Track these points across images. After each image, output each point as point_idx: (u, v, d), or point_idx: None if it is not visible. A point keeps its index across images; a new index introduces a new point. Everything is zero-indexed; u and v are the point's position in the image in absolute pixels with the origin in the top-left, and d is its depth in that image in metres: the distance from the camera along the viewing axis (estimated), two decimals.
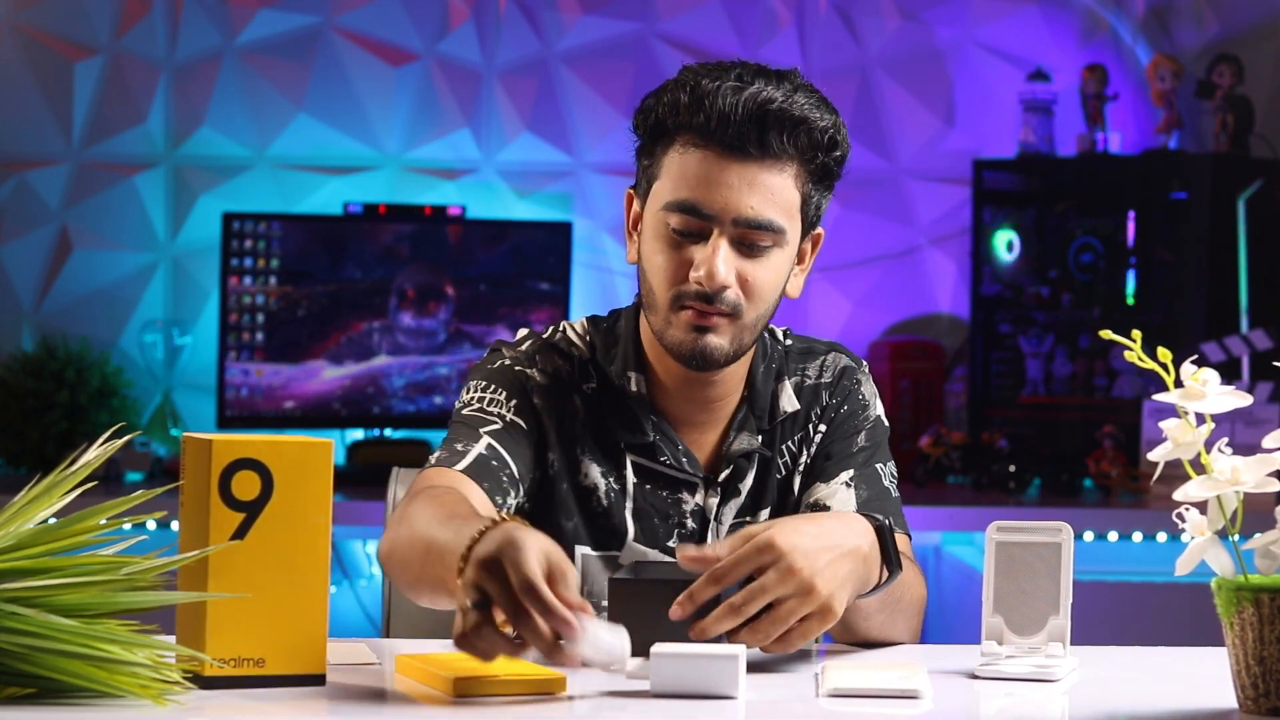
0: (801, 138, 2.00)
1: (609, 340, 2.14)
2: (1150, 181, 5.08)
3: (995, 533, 1.82)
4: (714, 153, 1.99)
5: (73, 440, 4.72)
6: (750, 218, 1.99)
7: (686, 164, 2.00)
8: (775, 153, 1.99)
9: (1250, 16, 5.27)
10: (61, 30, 5.04)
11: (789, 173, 2.01)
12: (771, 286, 2.04)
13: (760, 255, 2.01)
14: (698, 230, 2.00)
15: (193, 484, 1.64)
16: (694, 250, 2.01)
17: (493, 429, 2.05)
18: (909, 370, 5.14)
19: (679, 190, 2.00)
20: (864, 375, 2.20)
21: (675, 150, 2.01)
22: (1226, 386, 1.60)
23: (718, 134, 1.98)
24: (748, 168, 1.99)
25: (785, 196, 2.01)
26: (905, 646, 2.02)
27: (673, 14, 5.19)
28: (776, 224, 2.01)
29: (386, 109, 5.12)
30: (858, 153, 5.27)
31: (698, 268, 1.99)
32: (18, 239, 5.04)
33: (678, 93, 2.01)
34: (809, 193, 2.04)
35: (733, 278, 2.00)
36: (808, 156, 2.02)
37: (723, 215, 1.99)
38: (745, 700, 1.66)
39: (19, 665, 1.52)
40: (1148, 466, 4.66)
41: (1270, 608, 1.56)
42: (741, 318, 2.02)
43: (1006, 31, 5.29)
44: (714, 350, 2.02)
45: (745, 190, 1.99)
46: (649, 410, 2.10)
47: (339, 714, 1.61)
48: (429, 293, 4.94)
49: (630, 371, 2.11)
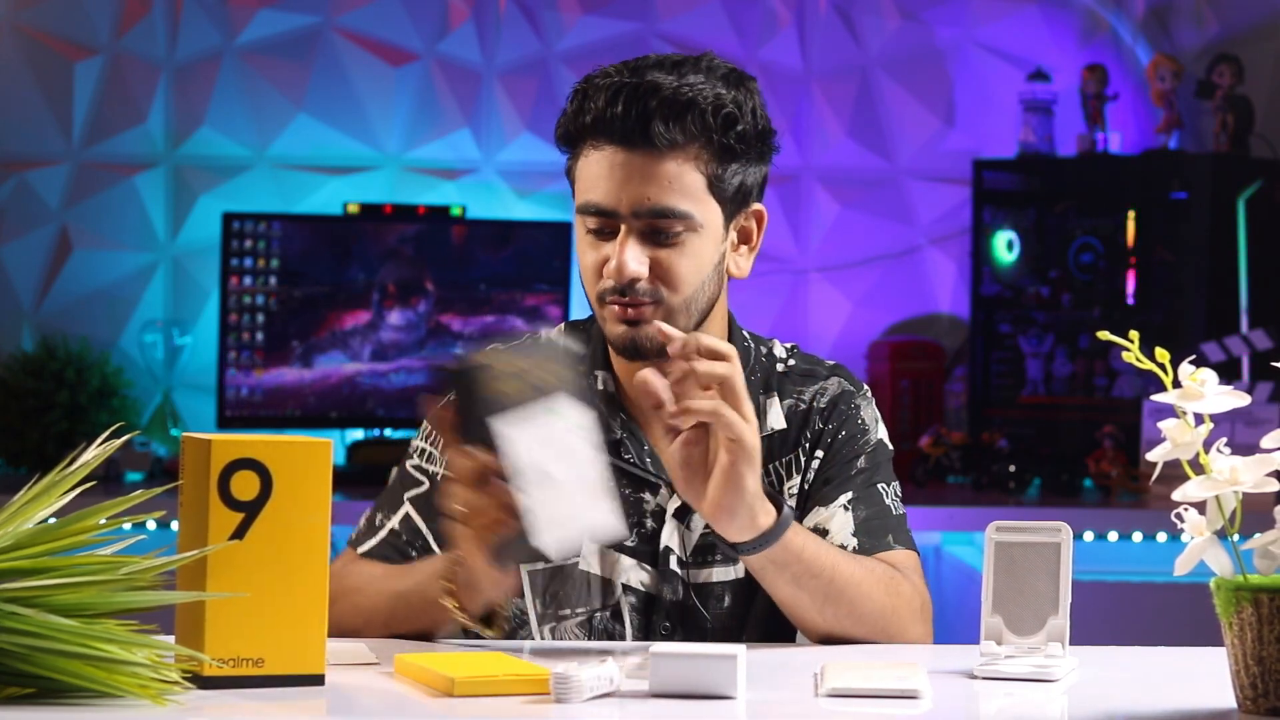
0: (690, 121, 2.01)
1: (583, 342, 2.16)
2: (1150, 181, 5.08)
3: (995, 533, 1.82)
4: (608, 150, 2.02)
5: (73, 440, 4.71)
6: (650, 207, 2.01)
7: (588, 166, 2.04)
8: (664, 141, 2.01)
9: (1250, 16, 5.27)
10: (61, 30, 5.04)
11: (685, 157, 2.02)
12: (691, 270, 2.04)
13: (672, 242, 2.03)
14: (609, 228, 2.04)
15: (192, 484, 1.64)
16: (608, 247, 2.04)
17: (417, 493, 2.13)
18: (909, 370, 5.14)
19: (585, 192, 2.04)
20: (864, 399, 2.19)
21: (582, 156, 2.05)
22: (1225, 386, 1.60)
23: (605, 131, 2.01)
24: (642, 157, 2.01)
25: (685, 181, 2.02)
26: (905, 646, 2.02)
27: (673, 14, 5.19)
28: (679, 210, 2.02)
29: (386, 109, 5.12)
30: (858, 153, 5.28)
31: (608, 264, 2.03)
32: (18, 239, 5.04)
33: (573, 99, 2.06)
34: (717, 173, 2.04)
35: (644, 269, 2.02)
36: (703, 139, 2.02)
37: (623, 209, 2.02)
38: (744, 700, 1.66)
39: (18, 665, 1.52)
40: (1147, 466, 4.66)
41: (1269, 608, 1.56)
42: (666, 304, 2.04)
43: (1006, 31, 5.29)
44: (646, 339, 2.04)
45: (639, 181, 2.01)
46: (617, 408, 2.12)
47: (338, 714, 1.61)
48: (430, 292, 4.94)
49: (598, 370, 2.13)
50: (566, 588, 2.09)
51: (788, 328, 5.18)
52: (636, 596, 2.09)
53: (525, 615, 2.11)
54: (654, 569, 2.09)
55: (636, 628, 2.09)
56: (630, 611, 2.09)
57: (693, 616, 2.09)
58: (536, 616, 2.10)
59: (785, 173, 5.21)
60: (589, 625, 2.09)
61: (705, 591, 2.10)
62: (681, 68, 2.03)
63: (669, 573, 2.09)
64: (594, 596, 2.09)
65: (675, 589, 2.09)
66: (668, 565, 2.09)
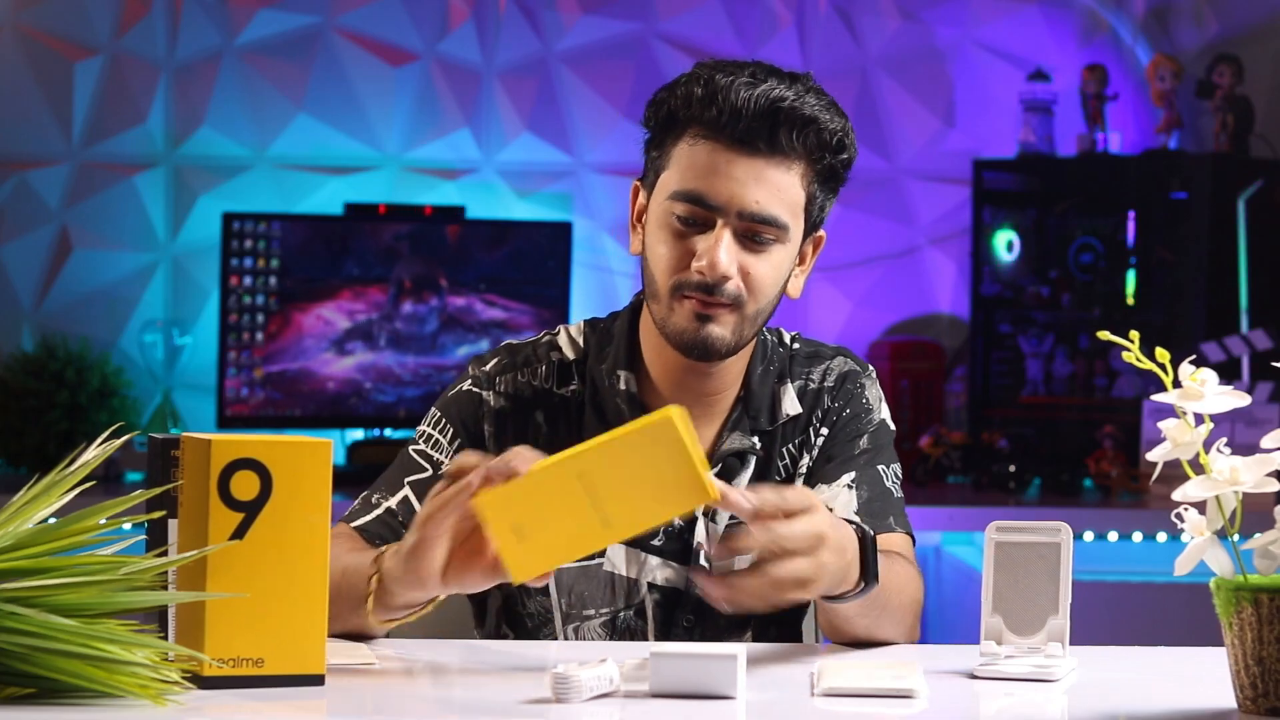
0: (810, 138, 2.03)
1: (604, 340, 2.15)
2: (1150, 181, 5.08)
3: (995, 533, 1.83)
4: (723, 145, 2.01)
5: (73, 440, 4.72)
6: (755, 211, 2.01)
7: (696, 155, 2.02)
8: (784, 150, 2.01)
9: (1250, 16, 5.27)
10: (61, 30, 5.04)
11: (796, 171, 2.03)
12: (772, 281, 2.05)
13: (762, 250, 2.03)
14: (703, 220, 2.02)
15: (192, 484, 1.64)
16: (697, 240, 2.03)
17: (419, 478, 2.10)
18: (909, 370, 5.14)
19: (686, 180, 2.02)
20: (869, 379, 2.22)
21: (685, 142, 2.04)
22: (1225, 386, 1.60)
23: (728, 127, 2.00)
24: (755, 163, 2.01)
25: (791, 194, 2.03)
26: (905, 646, 2.02)
27: (673, 14, 5.19)
28: (780, 220, 2.03)
29: (386, 109, 5.12)
30: (858, 152, 5.26)
31: (700, 257, 2.01)
32: (18, 239, 5.04)
33: (692, 86, 2.03)
34: (814, 193, 2.06)
35: (734, 269, 2.02)
36: (815, 157, 2.04)
37: (728, 207, 2.01)
38: (744, 700, 1.66)
39: (18, 665, 1.52)
40: (1147, 466, 4.66)
41: (1269, 608, 1.56)
42: (743, 309, 2.04)
43: (1006, 31, 5.29)
44: (716, 340, 2.04)
45: (752, 184, 2.01)
46: (640, 408, 2.10)
47: (338, 714, 1.61)
48: (429, 291, 4.94)
49: (620, 370, 2.12)
50: (591, 587, 2.10)
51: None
52: (661, 594, 2.11)
53: (550, 614, 2.11)
54: (682, 564, 2.10)
55: (659, 622, 2.10)
56: (654, 608, 2.10)
57: (713, 608, 2.09)
58: (561, 616, 2.11)
59: None
60: (612, 625, 2.10)
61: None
62: (795, 82, 2.04)
63: (698, 568, 2.10)
64: (618, 596, 2.10)
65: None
66: (697, 560, 2.10)
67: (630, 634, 2.10)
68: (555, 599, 2.10)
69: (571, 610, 2.10)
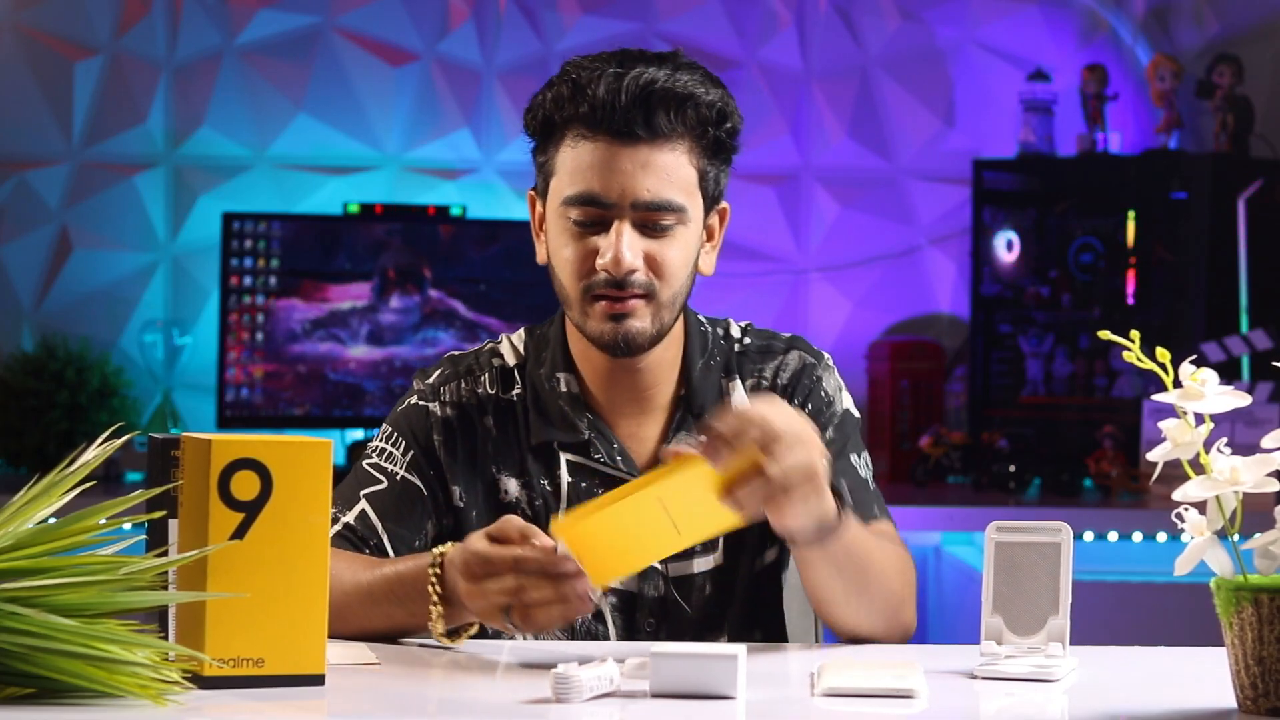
0: (689, 114, 2.02)
1: (541, 345, 2.16)
2: (1150, 181, 5.08)
3: (995, 533, 1.83)
4: (603, 140, 2.01)
5: (73, 440, 4.71)
6: (649, 200, 2.01)
7: (579, 156, 2.02)
8: (665, 132, 2.01)
9: (1250, 16, 5.27)
10: (61, 30, 5.04)
11: (681, 151, 2.03)
12: (680, 264, 2.05)
13: (665, 235, 2.03)
14: (599, 219, 2.02)
15: (192, 484, 1.64)
16: (598, 240, 2.03)
17: (375, 490, 2.10)
18: (909, 370, 5.14)
19: (575, 183, 2.03)
20: (825, 369, 2.18)
21: (566, 144, 2.04)
22: (1225, 386, 1.60)
23: (604, 121, 2.00)
24: (639, 150, 2.01)
25: (681, 175, 2.03)
26: (904, 646, 2.02)
27: (673, 14, 5.19)
28: (676, 203, 2.03)
29: (386, 109, 5.12)
30: (858, 153, 5.28)
31: (603, 255, 2.01)
32: (18, 239, 5.04)
33: (560, 87, 2.04)
34: (704, 168, 2.05)
35: (639, 260, 2.02)
36: (698, 132, 2.03)
37: (621, 201, 2.01)
38: (744, 700, 1.66)
39: (19, 665, 1.52)
40: (1147, 466, 4.65)
41: (1269, 608, 1.56)
42: (656, 297, 2.04)
43: (1006, 31, 5.29)
44: (635, 333, 2.04)
45: (640, 173, 2.01)
46: (583, 409, 2.11)
47: (338, 714, 1.61)
48: (431, 291, 4.94)
49: (559, 373, 2.13)
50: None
51: (787, 328, 5.12)
52: (618, 596, 2.10)
53: None
54: None
55: (620, 627, 2.09)
56: (612, 612, 2.09)
57: (674, 610, 2.09)
58: None
59: (785, 173, 5.21)
60: (571, 627, 2.09)
61: (687, 584, 2.10)
62: (668, 62, 2.03)
63: (648, 570, 2.09)
64: None
65: (656, 585, 2.09)
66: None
67: (590, 637, 2.09)
68: None
69: None
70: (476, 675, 1.83)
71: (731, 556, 2.11)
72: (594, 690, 1.64)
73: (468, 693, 1.76)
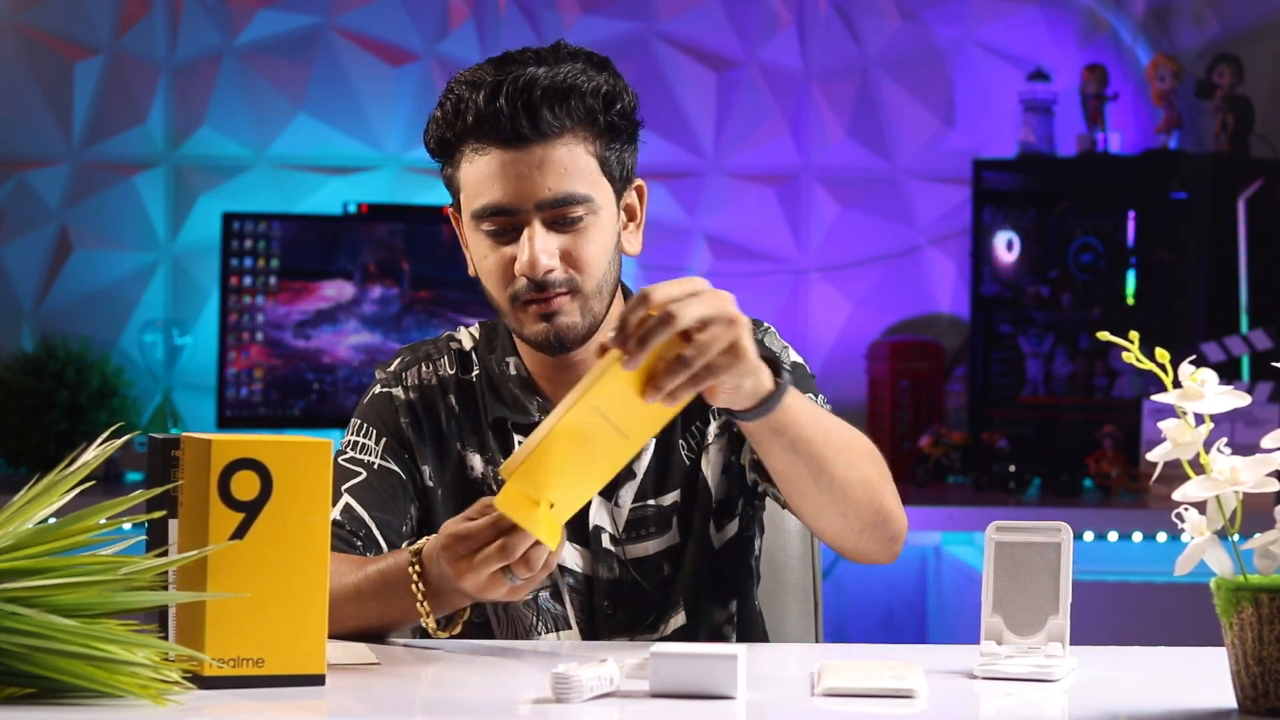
0: (575, 105, 2.02)
1: (492, 334, 2.19)
2: (1150, 181, 5.08)
3: (995, 533, 1.83)
4: (496, 149, 2.02)
5: (73, 440, 4.71)
6: (551, 197, 2.02)
7: (478, 169, 2.04)
8: (553, 129, 2.01)
9: (1250, 16, 5.27)
10: (61, 30, 5.04)
11: (575, 142, 2.03)
12: (599, 252, 2.05)
13: (575, 227, 2.04)
14: (510, 226, 2.04)
15: (192, 484, 1.64)
16: (513, 247, 2.04)
17: (355, 483, 2.11)
18: (909, 370, 5.13)
19: (480, 196, 2.04)
20: (765, 333, 2.15)
21: (464, 160, 2.06)
22: (1225, 386, 1.60)
23: (491, 132, 2.01)
24: (532, 152, 2.01)
25: (579, 165, 2.03)
26: (904, 646, 2.02)
27: (673, 14, 5.19)
28: (579, 194, 2.03)
29: (386, 109, 5.12)
30: (858, 153, 5.28)
31: (519, 261, 2.02)
32: (18, 239, 5.04)
33: (445, 106, 2.06)
34: (604, 154, 2.06)
35: (555, 259, 2.03)
36: (588, 121, 2.04)
37: (525, 204, 2.02)
38: (744, 700, 1.66)
39: (19, 665, 1.52)
40: (1147, 466, 4.65)
41: (1269, 608, 1.56)
42: (581, 290, 2.05)
43: (1006, 31, 5.28)
44: (567, 329, 2.05)
45: (537, 174, 2.01)
46: (533, 391, 2.13)
47: (338, 714, 1.61)
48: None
49: (509, 358, 2.15)
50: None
51: (788, 328, 5.17)
52: (574, 578, 2.10)
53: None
54: (586, 549, 2.10)
55: (578, 608, 2.10)
56: (569, 592, 2.10)
57: (633, 591, 2.10)
58: None
59: (785, 173, 5.21)
60: (535, 605, 2.10)
61: (644, 565, 2.10)
62: (547, 58, 2.04)
63: (602, 551, 2.10)
64: None
65: (611, 567, 2.10)
66: (600, 544, 2.10)
67: (552, 616, 2.10)
68: None
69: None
70: (476, 675, 1.83)
71: (686, 533, 2.12)
72: (594, 690, 1.64)
73: (468, 693, 1.76)
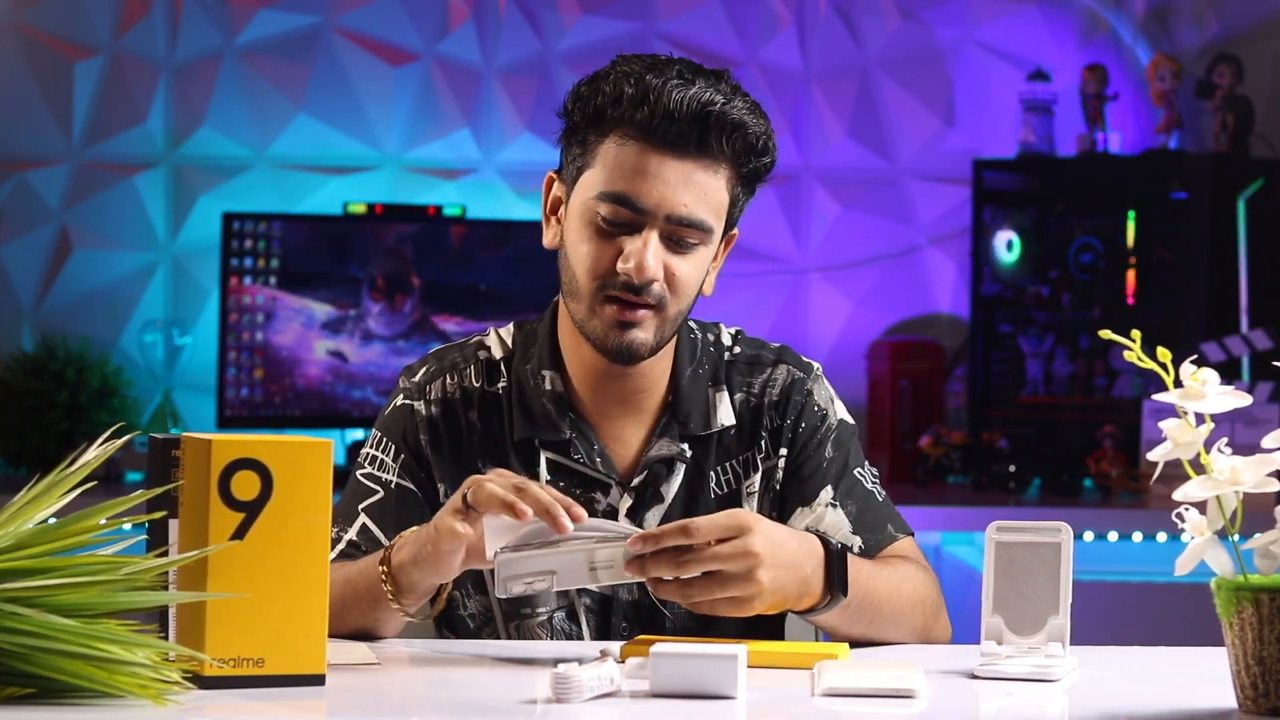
0: (738, 141, 2.02)
1: (529, 341, 2.15)
2: (1150, 181, 5.08)
3: (995, 533, 1.83)
4: (653, 147, 2.00)
5: (73, 440, 4.71)
6: (683, 215, 2.01)
7: (624, 156, 2.01)
8: (713, 154, 2.01)
9: (1250, 16, 5.27)
10: (61, 30, 5.04)
11: (722, 174, 2.03)
12: (693, 282, 2.06)
13: (687, 252, 2.04)
14: (629, 222, 2.02)
15: (192, 484, 1.64)
16: (623, 241, 2.02)
17: (372, 502, 2.11)
18: (909, 370, 5.13)
19: (614, 181, 2.01)
20: (815, 381, 2.17)
21: (612, 141, 2.02)
22: (1226, 386, 1.60)
23: (660, 130, 1.99)
24: (685, 165, 2.01)
25: (717, 198, 2.03)
26: (904, 646, 2.02)
27: (673, 14, 5.19)
28: (706, 223, 2.03)
29: (386, 109, 5.12)
30: (858, 153, 5.28)
31: (627, 259, 2.01)
32: (18, 239, 5.04)
33: (622, 84, 2.01)
34: (737, 195, 2.07)
35: (660, 271, 2.02)
36: (741, 160, 2.04)
37: (657, 210, 2.01)
38: (744, 700, 1.66)
39: (19, 665, 1.52)
40: (1148, 466, 4.66)
41: (1270, 608, 1.56)
42: (665, 310, 2.04)
43: (1006, 31, 5.29)
44: (638, 345, 2.04)
45: (681, 188, 2.00)
46: (566, 408, 2.11)
47: (338, 714, 1.61)
48: (415, 287, 4.94)
49: (545, 370, 2.12)
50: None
51: (788, 328, 5.18)
52: (591, 598, 2.10)
53: (491, 614, 2.10)
54: None
55: (594, 629, 2.09)
56: (586, 613, 2.09)
57: (651, 615, 2.09)
58: (502, 614, 2.10)
59: (785, 173, 5.21)
60: (549, 625, 2.09)
61: None
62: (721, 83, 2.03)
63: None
64: (552, 596, 2.09)
65: (631, 589, 2.09)
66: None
67: (566, 636, 2.10)
68: (494, 598, 2.09)
69: (510, 609, 2.09)
70: (476, 675, 1.83)
71: None
72: (594, 690, 1.64)
73: (468, 693, 1.76)
